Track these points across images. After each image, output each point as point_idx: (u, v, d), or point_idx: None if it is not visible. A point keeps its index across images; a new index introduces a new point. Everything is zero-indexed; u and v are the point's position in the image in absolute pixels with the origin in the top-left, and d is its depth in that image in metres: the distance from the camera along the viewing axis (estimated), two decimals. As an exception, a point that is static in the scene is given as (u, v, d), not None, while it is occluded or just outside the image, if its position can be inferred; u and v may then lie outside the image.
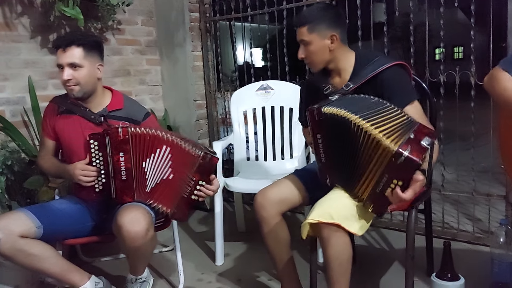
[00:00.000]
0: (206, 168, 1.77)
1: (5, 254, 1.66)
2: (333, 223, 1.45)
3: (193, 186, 1.79)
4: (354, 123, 1.44)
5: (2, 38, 2.58)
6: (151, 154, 1.81)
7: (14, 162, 2.40)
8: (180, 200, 1.81)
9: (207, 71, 3.37)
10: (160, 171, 1.81)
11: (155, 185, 1.83)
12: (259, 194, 1.75)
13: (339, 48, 1.67)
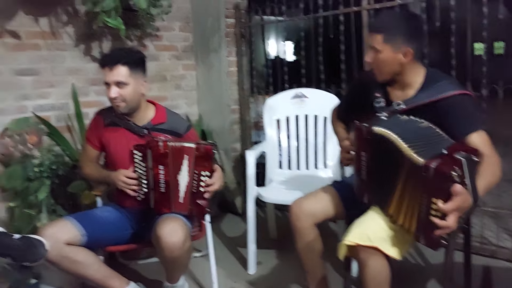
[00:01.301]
0: (203, 158, 1.87)
1: (52, 260, 1.76)
2: (371, 246, 1.45)
3: (198, 179, 1.88)
4: (401, 149, 1.41)
5: (48, 47, 2.70)
6: (181, 166, 1.89)
7: (58, 166, 2.51)
8: (192, 196, 1.89)
9: (241, 76, 3.41)
10: (185, 179, 1.89)
11: (184, 194, 1.91)
12: (294, 204, 1.77)
13: (410, 63, 1.59)
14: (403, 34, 1.55)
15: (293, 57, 6.17)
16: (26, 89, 2.64)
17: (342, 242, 1.50)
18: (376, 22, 1.66)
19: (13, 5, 2.54)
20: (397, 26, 1.56)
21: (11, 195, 2.48)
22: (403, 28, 1.56)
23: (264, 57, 4.35)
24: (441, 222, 1.31)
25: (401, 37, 1.55)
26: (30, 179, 2.41)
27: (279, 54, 3.37)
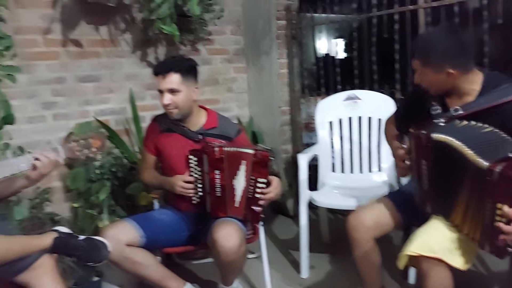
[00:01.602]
0: (260, 165, 1.88)
1: (113, 261, 1.84)
2: (434, 257, 1.41)
3: (254, 185, 1.89)
4: (464, 155, 1.38)
5: (107, 54, 2.82)
6: (237, 171, 1.91)
7: (118, 168, 2.62)
8: (247, 201, 1.91)
9: (291, 78, 3.41)
10: (241, 184, 1.91)
11: (240, 199, 1.93)
12: (352, 215, 1.76)
13: (460, 76, 1.54)
14: (439, 56, 1.51)
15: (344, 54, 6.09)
16: (88, 95, 2.78)
17: (403, 252, 1.47)
18: (413, 47, 1.65)
19: (76, 16, 2.68)
20: (432, 49, 1.53)
21: (75, 196, 2.62)
22: (439, 50, 1.52)
23: (315, 57, 4.32)
24: (507, 228, 1.28)
25: (438, 59, 1.52)
26: (92, 181, 2.54)
27: (329, 52, 3.33)
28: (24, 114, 2.55)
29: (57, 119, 2.68)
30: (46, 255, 1.58)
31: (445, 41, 1.52)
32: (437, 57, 1.51)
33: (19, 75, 2.33)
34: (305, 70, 3.45)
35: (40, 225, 2.37)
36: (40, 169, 1.60)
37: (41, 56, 2.60)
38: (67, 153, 1.68)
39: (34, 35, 2.56)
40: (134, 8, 2.87)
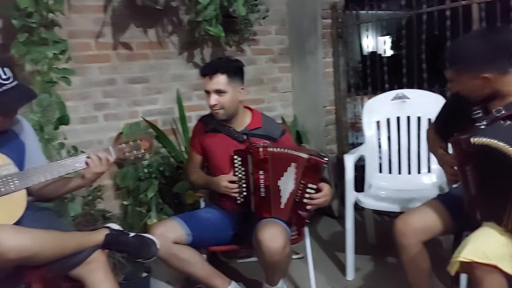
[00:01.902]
0: (312, 170, 1.84)
1: (161, 257, 1.88)
2: (488, 264, 1.36)
3: (303, 190, 1.87)
4: (507, 154, 1.33)
5: (155, 56, 2.90)
6: (284, 172, 1.90)
7: (165, 167, 2.69)
8: (294, 205, 1.89)
9: (337, 77, 3.36)
10: (289, 186, 1.90)
11: (287, 201, 1.92)
12: (400, 220, 1.71)
13: (498, 80, 1.49)
14: (473, 62, 1.48)
15: (391, 52, 5.93)
16: (137, 96, 2.86)
17: (455, 258, 1.42)
18: (447, 56, 1.59)
19: (126, 19, 2.77)
20: (465, 56, 1.50)
21: (125, 194, 2.71)
22: (472, 56, 1.48)
23: (361, 55, 4.25)
24: None
25: (472, 65, 1.49)
26: (140, 179, 2.62)
27: (376, 50, 3.26)
28: (77, 115, 2.66)
29: (108, 119, 2.79)
30: (99, 250, 1.64)
31: (477, 46, 1.48)
32: (470, 63, 1.48)
33: (73, 78, 2.44)
34: (351, 69, 3.40)
35: (92, 222, 2.46)
36: (93, 168, 1.67)
37: (93, 59, 2.71)
38: (118, 153, 1.74)
39: (87, 39, 2.67)
40: (180, 10, 2.93)
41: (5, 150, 1.62)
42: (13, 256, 1.39)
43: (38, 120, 2.25)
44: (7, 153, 1.61)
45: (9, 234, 1.41)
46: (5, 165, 1.59)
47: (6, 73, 1.54)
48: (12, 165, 1.60)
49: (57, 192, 1.78)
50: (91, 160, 1.67)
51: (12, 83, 1.56)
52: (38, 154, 1.80)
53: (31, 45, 2.23)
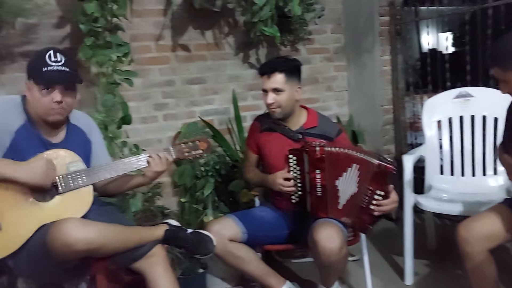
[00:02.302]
0: (381, 177, 1.78)
1: (217, 254, 1.92)
2: None
3: (370, 196, 1.81)
4: None
5: (212, 57, 2.96)
6: (343, 172, 1.87)
7: (221, 166, 2.73)
8: (359, 210, 1.84)
9: (395, 75, 3.27)
10: (349, 188, 1.86)
11: (346, 202, 1.89)
12: (463, 226, 1.63)
13: None
14: None
15: (453, 49, 5.68)
16: (195, 96, 2.94)
17: None
18: (491, 55, 1.54)
19: (185, 22, 2.85)
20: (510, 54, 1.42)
21: (182, 191, 2.79)
22: None
23: (420, 53, 4.10)
24: None
25: None
26: (197, 177, 2.68)
27: (436, 47, 3.13)
28: (139, 114, 2.77)
29: (167, 119, 2.88)
30: (159, 245, 1.70)
31: None
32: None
33: (135, 79, 2.54)
34: (410, 67, 3.29)
35: (151, 217, 2.56)
36: (154, 167, 1.74)
37: (153, 61, 2.81)
38: (177, 154, 1.81)
39: (148, 42, 2.78)
40: (236, 12, 2.97)
41: (74, 148, 1.72)
42: (80, 248, 1.47)
43: (103, 120, 2.37)
44: (75, 150, 1.71)
45: (77, 226, 1.49)
46: (74, 161, 1.68)
47: (58, 56, 1.62)
48: (81, 161, 1.70)
49: (120, 188, 1.87)
50: (152, 159, 1.74)
51: (61, 67, 1.61)
52: (103, 151, 1.90)
53: (96, 48, 2.36)
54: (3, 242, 1.54)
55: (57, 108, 1.62)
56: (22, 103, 1.68)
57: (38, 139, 1.67)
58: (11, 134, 1.61)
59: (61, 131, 1.74)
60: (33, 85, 1.61)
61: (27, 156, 1.60)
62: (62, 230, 1.47)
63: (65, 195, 1.64)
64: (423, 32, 3.84)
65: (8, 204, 1.57)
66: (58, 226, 1.48)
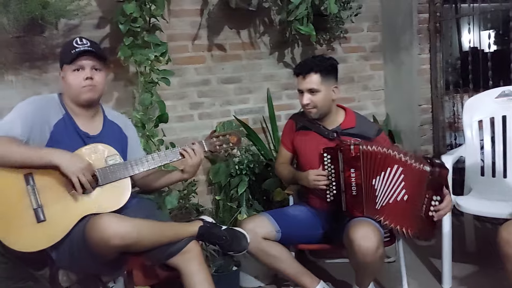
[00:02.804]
0: (436, 182, 1.76)
1: (251, 252, 1.93)
2: None
3: (427, 203, 1.79)
4: None
5: (247, 56, 2.98)
6: (381, 172, 1.85)
7: (255, 164, 2.74)
8: (420, 220, 1.81)
9: (434, 74, 3.18)
10: (391, 189, 1.83)
11: (386, 204, 1.86)
12: (504, 228, 1.58)
13: None
14: None
15: (495, 47, 5.48)
16: (230, 96, 2.96)
17: None
18: None
19: (221, 21, 2.88)
20: None
21: (217, 189, 2.82)
22: None
23: (460, 50, 3.98)
24: None
25: None
26: (231, 176, 2.70)
27: (477, 45, 3.03)
28: (175, 113, 2.81)
29: (202, 118, 2.91)
30: (194, 241, 1.72)
31: None
32: None
33: (171, 78, 2.58)
34: (450, 65, 3.20)
35: (186, 215, 2.60)
36: (188, 160, 1.77)
37: (189, 60, 2.85)
38: (209, 146, 1.85)
39: (185, 42, 2.82)
40: (272, 11, 2.97)
41: (110, 141, 1.78)
42: (116, 243, 1.52)
43: (141, 118, 2.42)
44: (113, 145, 1.78)
45: (113, 222, 1.54)
46: (112, 155, 1.75)
47: (83, 40, 1.76)
48: (118, 155, 1.76)
49: (159, 183, 1.91)
50: (185, 152, 1.78)
51: (87, 47, 1.73)
52: (138, 146, 1.96)
53: (135, 48, 2.41)
54: (47, 232, 1.61)
55: (88, 86, 1.73)
56: (59, 99, 1.78)
57: (76, 131, 1.75)
58: (50, 127, 1.70)
59: (97, 124, 1.83)
60: (65, 69, 1.73)
61: (66, 149, 1.67)
62: (99, 225, 1.52)
63: (104, 187, 1.70)
64: (464, 29, 3.73)
65: (52, 196, 1.64)
66: (96, 221, 1.53)
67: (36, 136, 1.67)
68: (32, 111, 1.68)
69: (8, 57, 2.37)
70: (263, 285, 2.43)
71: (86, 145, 1.74)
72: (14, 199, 1.61)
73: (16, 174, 1.62)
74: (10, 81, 2.42)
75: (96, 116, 1.83)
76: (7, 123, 1.65)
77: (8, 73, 2.40)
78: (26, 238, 1.59)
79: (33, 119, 1.66)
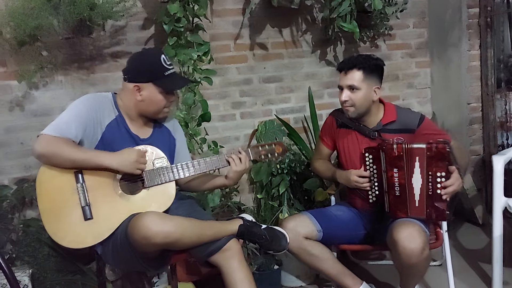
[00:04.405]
0: (436, 157, 1.75)
1: (292, 251, 1.92)
2: None
3: (433, 181, 1.77)
4: None
5: (289, 55, 2.96)
6: (413, 168, 1.81)
7: (296, 164, 2.72)
8: (429, 198, 1.78)
9: (485, 71, 3.05)
10: (419, 182, 1.80)
11: (419, 197, 1.81)
12: None
13: None
14: None
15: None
16: (271, 95, 2.95)
17: None
18: None
19: (262, 20, 2.88)
20: None
21: (258, 188, 2.82)
22: None
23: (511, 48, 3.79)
24: None
25: None
26: (273, 175, 2.69)
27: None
28: (217, 112, 2.84)
29: (244, 117, 2.92)
30: (234, 239, 1.73)
31: None
32: None
33: (214, 78, 2.61)
34: (501, 62, 3.05)
35: (228, 213, 2.62)
36: (233, 167, 1.80)
37: (232, 60, 2.86)
38: (254, 156, 1.87)
39: (227, 41, 2.84)
40: (315, 8, 2.94)
41: (159, 144, 1.81)
42: (158, 241, 1.54)
43: (184, 117, 2.47)
44: (161, 147, 1.81)
45: (156, 220, 1.56)
46: (159, 158, 1.78)
47: (168, 60, 1.78)
48: (165, 159, 1.79)
49: (202, 187, 1.94)
50: (232, 159, 1.79)
51: (173, 69, 1.79)
52: (185, 150, 1.98)
53: (178, 48, 2.46)
54: (95, 230, 1.66)
55: (168, 107, 1.82)
56: (113, 99, 1.81)
57: (128, 133, 1.79)
58: (102, 128, 1.74)
59: (149, 128, 1.86)
60: (151, 86, 1.75)
61: (117, 149, 1.72)
62: (142, 224, 1.54)
63: (150, 189, 1.74)
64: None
65: (100, 196, 1.69)
66: (138, 220, 1.57)
67: (89, 135, 1.71)
68: (87, 111, 1.71)
69: (58, 58, 2.47)
70: (305, 285, 2.42)
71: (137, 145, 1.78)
72: (64, 196, 1.67)
73: (67, 172, 1.68)
74: (60, 81, 2.52)
75: (148, 121, 1.87)
76: (63, 123, 1.68)
77: (58, 73, 2.51)
78: (73, 234, 1.65)
79: (86, 119, 1.70)
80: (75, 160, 1.65)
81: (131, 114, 1.80)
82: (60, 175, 1.67)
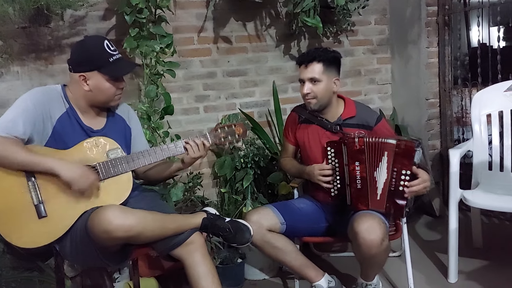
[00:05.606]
0: (403, 155, 1.79)
1: (255, 244, 1.93)
2: None
3: (397, 177, 1.81)
4: None
5: (253, 49, 2.96)
6: (379, 162, 1.84)
7: (260, 158, 2.73)
8: (390, 194, 1.82)
9: (442, 68, 3.15)
10: (383, 176, 1.84)
11: (381, 191, 1.85)
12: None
13: None
14: None
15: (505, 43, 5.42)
16: (235, 89, 2.94)
17: None
18: None
19: (227, 13, 2.86)
20: None
21: (222, 182, 2.81)
22: None
23: (468, 46, 3.93)
24: None
25: None
26: (237, 169, 2.69)
27: (486, 41, 2.99)
28: (180, 106, 2.80)
29: (207, 111, 2.90)
30: (197, 233, 1.71)
31: None
32: None
33: (177, 71, 2.57)
34: (458, 60, 3.16)
35: (192, 208, 2.59)
36: (191, 153, 1.75)
37: (195, 52, 2.83)
38: (214, 139, 1.81)
39: (190, 34, 2.80)
40: (279, 3, 2.95)
41: (114, 134, 1.77)
42: (120, 235, 1.51)
43: (146, 110, 2.42)
44: (116, 137, 1.76)
45: (117, 214, 1.52)
46: (113, 149, 1.73)
47: (113, 45, 1.72)
48: (120, 149, 1.74)
49: (161, 175, 1.90)
50: (189, 146, 1.76)
51: (118, 55, 1.73)
52: (142, 139, 1.94)
53: (140, 39, 2.40)
54: (49, 228, 1.60)
55: (119, 94, 1.75)
56: (63, 92, 1.74)
57: (80, 126, 1.73)
58: (53, 122, 1.67)
59: (102, 118, 1.80)
60: (97, 75, 1.67)
61: (70, 143, 1.67)
62: (102, 217, 1.51)
63: (106, 181, 1.68)
64: (473, 23, 3.70)
65: (52, 192, 1.62)
66: (98, 213, 1.52)
67: (39, 131, 1.64)
68: (34, 106, 1.63)
69: (13, 48, 2.37)
70: (268, 278, 2.43)
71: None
72: (15, 196, 1.59)
73: (17, 170, 1.60)
74: (16, 72, 2.42)
75: (101, 111, 1.81)
76: (9, 121, 1.59)
77: (14, 64, 2.40)
78: (28, 234, 1.59)
79: (35, 114, 1.62)
80: (24, 164, 1.57)
81: (82, 106, 1.73)
82: (9, 174, 1.59)
